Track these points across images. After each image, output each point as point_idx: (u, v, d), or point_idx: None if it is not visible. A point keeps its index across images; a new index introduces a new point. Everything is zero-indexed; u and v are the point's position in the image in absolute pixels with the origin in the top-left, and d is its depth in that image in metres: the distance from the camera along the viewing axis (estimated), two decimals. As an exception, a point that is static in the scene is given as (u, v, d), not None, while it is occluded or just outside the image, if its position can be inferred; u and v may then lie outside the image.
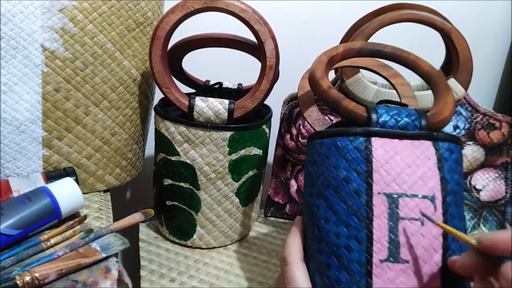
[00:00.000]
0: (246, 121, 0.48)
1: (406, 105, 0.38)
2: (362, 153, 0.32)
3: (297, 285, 0.32)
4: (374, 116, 0.34)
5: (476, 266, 0.27)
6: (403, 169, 0.32)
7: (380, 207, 0.31)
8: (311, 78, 0.38)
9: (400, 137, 0.33)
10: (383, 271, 0.30)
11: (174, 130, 0.47)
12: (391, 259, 0.30)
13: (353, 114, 0.34)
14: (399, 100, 0.46)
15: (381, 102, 0.38)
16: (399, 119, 0.34)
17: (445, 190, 0.32)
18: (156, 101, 0.54)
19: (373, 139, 0.33)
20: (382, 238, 0.30)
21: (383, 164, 0.32)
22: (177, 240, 0.52)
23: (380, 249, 0.30)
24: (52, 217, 0.40)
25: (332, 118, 0.55)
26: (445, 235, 0.31)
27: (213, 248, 0.52)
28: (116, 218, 0.44)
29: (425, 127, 0.34)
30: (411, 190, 0.31)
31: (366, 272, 0.30)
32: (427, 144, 0.33)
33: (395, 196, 0.31)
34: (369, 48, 0.40)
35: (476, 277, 0.28)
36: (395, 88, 0.46)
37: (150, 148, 0.60)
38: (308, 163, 0.36)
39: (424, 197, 0.31)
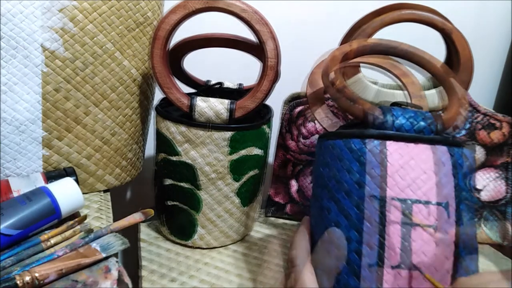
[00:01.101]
0: (246, 121, 0.48)
1: (419, 107, 0.37)
2: (377, 157, 0.31)
3: None
4: (389, 119, 0.32)
5: None
6: (418, 175, 0.31)
7: (393, 213, 0.30)
8: (324, 75, 0.36)
9: (416, 141, 0.32)
10: (394, 278, 0.29)
11: (174, 130, 0.47)
12: (403, 265, 0.30)
13: (368, 115, 0.33)
14: (403, 100, 0.46)
15: (395, 103, 0.37)
16: (415, 122, 0.33)
17: (459, 197, 0.31)
18: (156, 101, 0.54)
19: (388, 142, 0.32)
20: (395, 244, 0.30)
21: (398, 169, 0.31)
22: (177, 240, 0.52)
23: (392, 255, 0.30)
24: (52, 217, 0.39)
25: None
26: (457, 242, 0.31)
27: (214, 248, 0.52)
28: (116, 218, 0.44)
29: (440, 131, 0.33)
30: (425, 196, 0.31)
31: (377, 278, 0.30)
32: (443, 150, 0.32)
33: (409, 202, 0.30)
34: (383, 45, 0.39)
35: None
36: (405, 87, 0.46)
37: (150, 148, 0.60)
38: (319, 164, 0.35)
39: (438, 204, 0.31)
